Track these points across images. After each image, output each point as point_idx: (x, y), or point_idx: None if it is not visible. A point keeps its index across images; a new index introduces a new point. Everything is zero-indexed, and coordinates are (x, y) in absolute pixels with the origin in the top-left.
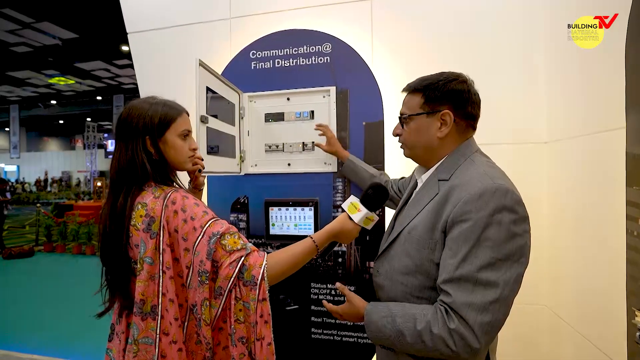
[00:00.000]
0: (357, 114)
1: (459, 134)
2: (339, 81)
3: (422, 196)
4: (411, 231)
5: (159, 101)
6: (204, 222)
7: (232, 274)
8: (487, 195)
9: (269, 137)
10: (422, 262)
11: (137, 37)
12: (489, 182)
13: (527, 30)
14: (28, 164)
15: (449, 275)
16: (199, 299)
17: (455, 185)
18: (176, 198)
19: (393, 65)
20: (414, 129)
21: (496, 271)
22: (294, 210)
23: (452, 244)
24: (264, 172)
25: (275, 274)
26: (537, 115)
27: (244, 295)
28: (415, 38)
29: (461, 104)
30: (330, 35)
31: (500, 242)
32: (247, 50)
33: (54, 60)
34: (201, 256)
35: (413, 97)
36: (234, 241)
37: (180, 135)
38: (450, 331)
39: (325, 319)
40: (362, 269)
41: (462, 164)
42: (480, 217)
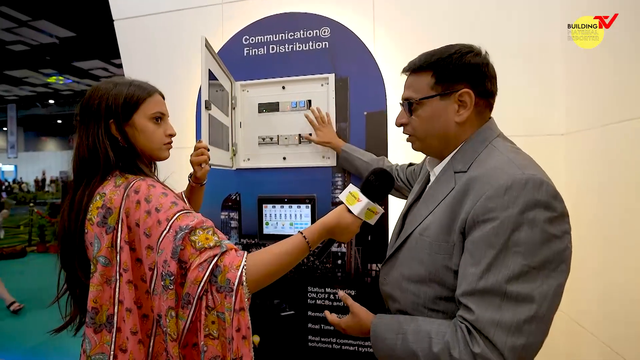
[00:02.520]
0: (358, 104)
1: (478, 117)
2: (338, 68)
3: (435, 192)
4: (423, 233)
5: (125, 81)
6: (171, 214)
7: (202, 277)
8: (515, 189)
9: (262, 128)
10: (437, 269)
11: (124, 24)
12: (517, 172)
13: (543, 16)
14: (26, 163)
15: (470, 286)
16: (163, 308)
17: (475, 177)
18: (140, 186)
19: (396, 51)
20: (427, 115)
21: (530, 282)
22: (290, 207)
23: (474, 249)
24: (257, 166)
25: (257, 277)
26: (554, 106)
27: (217, 303)
28: (419, 21)
29: (480, 80)
30: (329, 19)
31: (534, 246)
32: (239, 36)
33: (51, 59)
34: (165, 255)
35: (420, 77)
36: (205, 237)
37: (151, 119)
38: (475, 356)
39: (323, 326)
40: (364, 271)
41: (483, 152)
42: (508, 216)
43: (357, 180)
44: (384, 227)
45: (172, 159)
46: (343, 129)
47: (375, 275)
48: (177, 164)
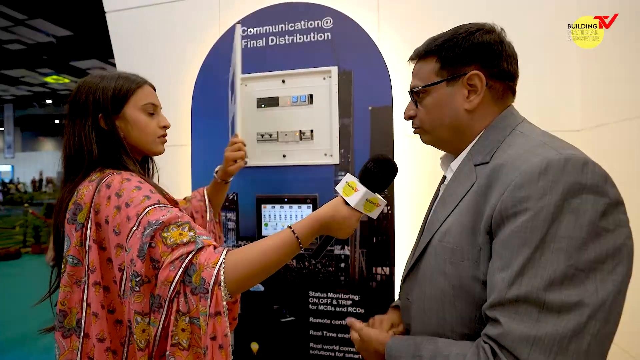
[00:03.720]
0: (362, 98)
1: (496, 101)
2: (341, 61)
3: (453, 190)
4: (443, 238)
5: (113, 74)
6: (141, 209)
7: (174, 276)
8: (552, 171)
9: (261, 124)
10: (462, 281)
11: (116, 16)
12: (552, 152)
13: (557, 9)
14: (23, 164)
15: (499, 296)
16: (131, 312)
17: (500, 165)
18: (113, 180)
19: (402, 42)
20: (432, 104)
21: (577, 288)
22: (290, 208)
23: (503, 250)
24: (255, 164)
25: (238, 277)
26: (569, 101)
27: (192, 307)
28: (426, 12)
29: (492, 59)
30: (331, 9)
31: (581, 241)
32: None
33: (48, 58)
34: (132, 253)
35: (425, 63)
36: (179, 233)
37: (144, 110)
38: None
39: (326, 333)
40: (369, 275)
41: (507, 139)
42: (544, 206)
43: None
44: (391, 228)
45: (166, 156)
46: (346, 125)
47: (380, 279)
48: (172, 163)
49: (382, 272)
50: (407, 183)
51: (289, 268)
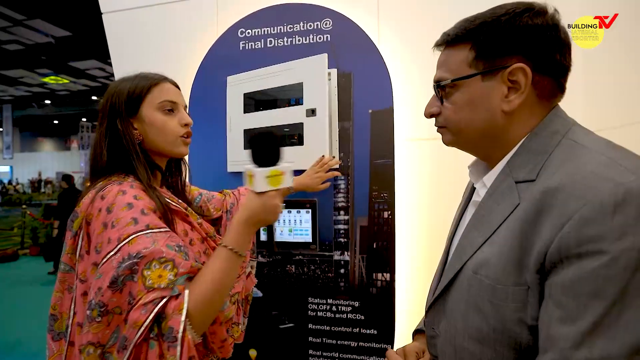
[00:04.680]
0: (362, 101)
1: (541, 101)
2: (340, 63)
3: (490, 210)
4: (479, 270)
5: (132, 75)
6: (124, 234)
7: (144, 321)
8: (632, 205)
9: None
10: (505, 324)
11: (113, 17)
12: (627, 176)
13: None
14: (22, 164)
15: (563, 356)
16: (80, 341)
17: (555, 189)
18: (109, 192)
19: (402, 44)
20: (463, 101)
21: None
22: (289, 212)
23: (565, 297)
24: None
25: (203, 317)
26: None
27: (165, 354)
28: (427, 13)
29: (542, 49)
30: (331, 10)
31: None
32: (235, 29)
33: (47, 58)
34: (102, 281)
35: (455, 51)
36: (159, 274)
37: (160, 108)
38: None
39: (325, 339)
40: (369, 282)
41: (556, 150)
42: (625, 249)
43: (359, 180)
44: (391, 233)
45: None
46: (346, 128)
47: (381, 285)
48: None
49: (382, 278)
50: (408, 188)
51: (288, 274)
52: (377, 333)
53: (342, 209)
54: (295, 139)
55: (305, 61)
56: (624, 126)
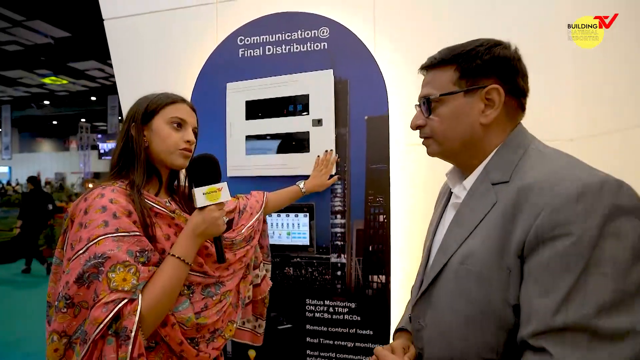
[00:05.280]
0: (358, 107)
1: (507, 119)
2: (337, 70)
3: (471, 209)
4: (465, 260)
5: (157, 93)
6: (94, 235)
7: (103, 319)
8: (590, 195)
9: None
10: (492, 305)
11: (114, 23)
12: (585, 174)
13: (551, 20)
14: (20, 165)
15: (544, 323)
16: (48, 329)
17: (528, 186)
18: (91, 195)
19: (398, 52)
20: (448, 115)
21: (627, 313)
22: (287, 216)
23: (542, 275)
24: (253, 175)
25: (152, 318)
26: (563, 111)
27: (119, 353)
28: (422, 22)
29: (510, 75)
30: (328, 19)
31: (625, 264)
32: (234, 36)
33: (46, 59)
34: (69, 276)
35: (441, 72)
36: (123, 278)
37: (170, 123)
38: None
39: (322, 340)
40: (365, 284)
41: (524, 157)
42: (586, 229)
43: (356, 188)
44: (386, 237)
45: None
46: (342, 134)
47: (376, 287)
48: None
49: (377, 280)
50: (402, 193)
51: (286, 276)
52: (372, 334)
53: (339, 213)
54: (305, 145)
55: (312, 75)
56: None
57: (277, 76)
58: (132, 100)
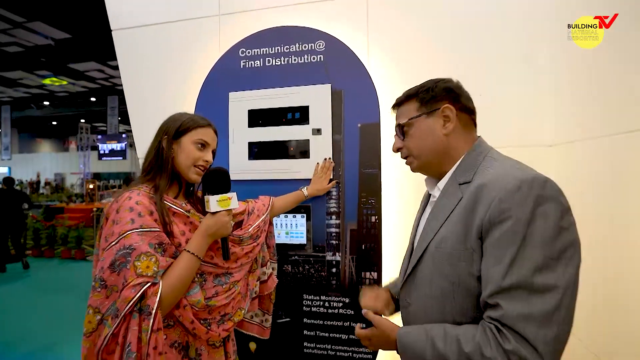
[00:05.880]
0: (352, 116)
1: (465, 129)
2: (332, 81)
3: (443, 206)
4: (439, 245)
5: (191, 113)
6: (123, 230)
7: (132, 297)
8: (525, 188)
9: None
10: (460, 278)
11: (122, 34)
12: (522, 174)
13: (531, 30)
14: (20, 165)
15: (496, 285)
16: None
17: (483, 184)
18: (122, 197)
19: (389, 64)
20: (418, 134)
21: (552, 272)
22: (285, 217)
23: (494, 250)
24: (255, 178)
25: (169, 300)
26: (542, 117)
27: (141, 324)
28: (413, 35)
29: (457, 97)
30: (324, 33)
31: (550, 238)
32: (236, 48)
33: (46, 60)
34: (104, 263)
35: (406, 106)
36: (147, 265)
37: (195, 143)
38: (507, 353)
39: (319, 333)
40: (358, 280)
41: (482, 163)
42: (522, 213)
43: (350, 194)
44: (377, 236)
45: None
46: (337, 141)
47: (369, 283)
48: None
49: (370, 276)
50: (393, 194)
51: (285, 273)
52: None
53: (334, 214)
54: (306, 152)
55: (312, 88)
56: (594, 139)
57: (279, 88)
58: (139, 106)
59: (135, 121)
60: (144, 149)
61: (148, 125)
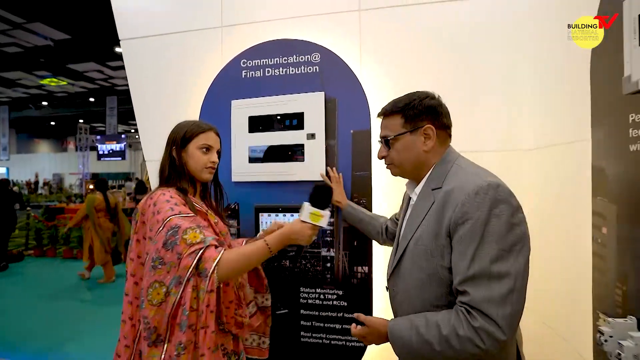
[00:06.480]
0: (345, 123)
1: (441, 145)
2: (327, 90)
3: (419, 208)
4: (417, 243)
5: (194, 121)
6: (166, 216)
7: (190, 264)
8: (481, 193)
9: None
10: (434, 270)
11: (129, 43)
12: (480, 180)
13: (511, 42)
14: (18, 166)
15: (463, 275)
16: (147, 282)
17: (450, 190)
18: (155, 194)
19: (380, 75)
20: (401, 148)
21: (505, 262)
22: (284, 215)
23: (459, 246)
24: (254, 180)
25: (227, 270)
26: (517, 124)
27: (199, 285)
28: (401, 49)
29: (438, 117)
30: (319, 46)
31: (503, 234)
32: (238, 59)
33: (45, 61)
34: (157, 245)
35: (392, 119)
36: (194, 235)
37: (200, 148)
38: (476, 330)
39: (314, 323)
40: (350, 273)
41: (450, 170)
42: (480, 215)
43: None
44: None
45: None
46: (332, 145)
47: (360, 277)
48: None
49: (361, 270)
50: (382, 195)
51: (283, 268)
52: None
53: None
54: (301, 155)
55: (306, 96)
56: (571, 143)
57: (276, 96)
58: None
59: (142, 126)
60: (152, 154)
61: (155, 131)
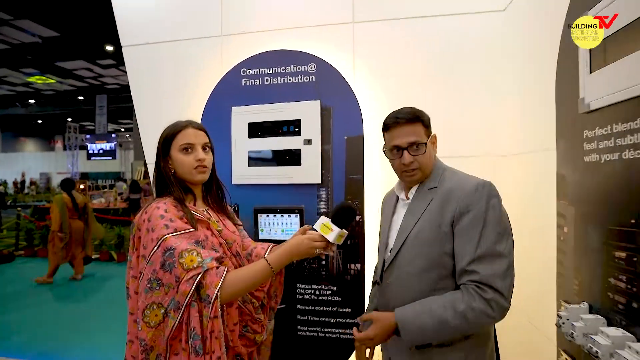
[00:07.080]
0: (339, 129)
1: None
2: (323, 98)
3: (417, 205)
4: (418, 234)
5: (171, 124)
6: (160, 235)
7: (189, 291)
8: (480, 189)
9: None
10: (436, 255)
11: (131, 50)
12: (475, 180)
13: (489, 58)
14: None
15: (471, 256)
16: (143, 304)
17: (451, 188)
18: (150, 208)
19: (372, 84)
20: (427, 153)
21: (504, 242)
22: (281, 216)
23: (465, 233)
24: (252, 183)
25: (230, 293)
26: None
27: (202, 311)
28: (392, 60)
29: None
30: (315, 56)
31: (498, 220)
32: (238, 68)
33: (33, 58)
34: (154, 266)
35: (416, 126)
36: (190, 259)
37: (181, 150)
38: (489, 301)
39: (310, 317)
40: (344, 270)
41: (443, 174)
42: (480, 206)
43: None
44: (361, 233)
45: None
46: (327, 150)
47: (353, 273)
48: None
49: (354, 267)
50: (374, 196)
51: None
52: (350, 311)
53: (324, 214)
54: (298, 159)
55: (303, 104)
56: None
57: (275, 103)
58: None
59: (144, 131)
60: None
61: (157, 135)
